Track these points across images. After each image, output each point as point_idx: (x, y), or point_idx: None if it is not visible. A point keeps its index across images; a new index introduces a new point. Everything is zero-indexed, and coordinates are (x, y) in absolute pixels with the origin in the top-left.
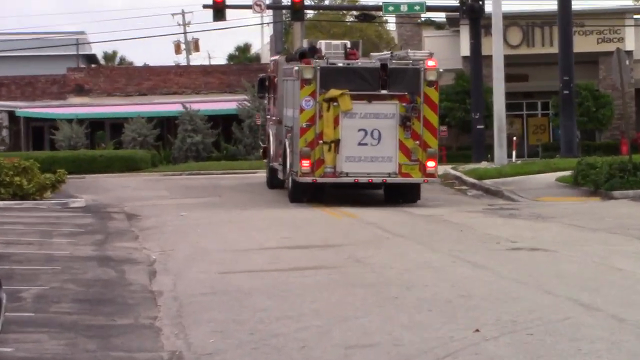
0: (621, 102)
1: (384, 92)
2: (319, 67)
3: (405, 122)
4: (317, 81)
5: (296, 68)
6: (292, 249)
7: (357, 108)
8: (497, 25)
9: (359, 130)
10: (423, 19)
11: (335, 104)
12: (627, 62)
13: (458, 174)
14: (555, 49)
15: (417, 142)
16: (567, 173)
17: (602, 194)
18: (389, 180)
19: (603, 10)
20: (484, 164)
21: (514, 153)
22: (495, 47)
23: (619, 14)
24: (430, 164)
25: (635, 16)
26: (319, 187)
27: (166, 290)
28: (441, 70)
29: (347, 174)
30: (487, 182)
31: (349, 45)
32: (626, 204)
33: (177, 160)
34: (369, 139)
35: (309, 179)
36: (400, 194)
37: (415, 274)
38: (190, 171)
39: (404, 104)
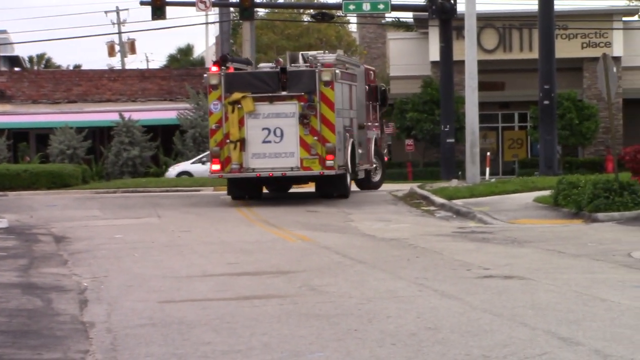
0: (607, 114)
1: (284, 93)
2: (223, 74)
3: (303, 120)
4: (222, 86)
5: (205, 75)
6: (240, 276)
7: (260, 109)
8: (470, 26)
9: (263, 129)
10: (388, 19)
11: (239, 106)
12: (615, 70)
13: (425, 193)
14: (535, 54)
15: (316, 138)
16: (547, 193)
17: (585, 216)
18: (290, 174)
19: (589, 11)
20: (454, 183)
21: (487, 170)
22: (468, 52)
23: (607, 16)
24: (329, 158)
25: (624, 18)
26: (250, 182)
27: (99, 322)
28: (337, 72)
29: (253, 170)
30: (458, 203)
31: (341, 53)
32: (611, 228)
33: (111, 176)
34: (272, 136)
35: (216, 175)
36: (332, 187)
37: (377, 304)
38: (126, 188)
39: (302, 103)
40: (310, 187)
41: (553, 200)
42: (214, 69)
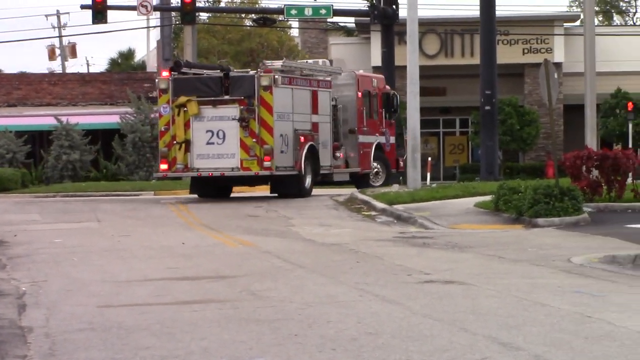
0: (548, 120)
1: (226, 97)
2: (171, 79)
3: (242, 123)
4: (170, 90)
5: (156, 80)
6: (180, 280)
7: (205, 112)
8: (412, 32)
9: (207, 131)
10: (330, 24)
11: (185, 109)
12: (556, 75)
13: (366, 198)
14: (476, 60)
15: (255, 140)
16: (487, 198)
17: (526, 222)
18: (228, 174)
19: (530, 17)
20: (395, 187)
21: (428, 175)
22: (410, 57)
23: (548, 22)
24: (267, 159)
25: (565, 24)
26: (213, 182)
27: (37, 326)
28: (277, 77)
29: (197, 170)
30: (399, 208)
31: (326, 61)
32: (551, 233)
33: (50, 180)
34: (215, 138)
35: (161, 175)
36: (285, 188)
37: (317, 309)
38: (66, 192)
39: (242, 107)
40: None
41: (494, 205)
42: (165, 74)
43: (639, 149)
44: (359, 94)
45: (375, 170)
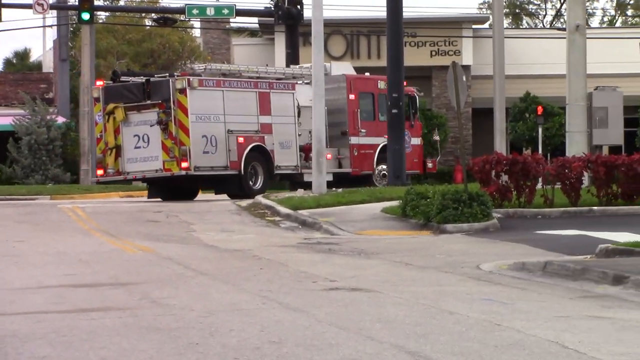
0: (456, 124)
1: (148, 102)
2: (102, 87)
3: (161, 126)
4: (102, 99)
5: (91, 89)
6: (77, 287)
7: (132, 117)
8: (317, 33)
9: (134, 135)
10: (233, 25)
11: (114, 116)
12: (464, 79)
13: (270, 203)
14: (383, 62)
15: (174, 141)
16: (395, 203)
17: (434, 228)
18: (149, 175)
19: (438, 18)
20: (300, 192)
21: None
22: (315, 59)
23: (456, 24)
24: (184, 160)
25: (474, 26)
26: (164, 185)
27: None
28: (193, 80)
29: (128, 173)
30: (304, 213)
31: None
32: (460, 239)
33: None
34: (141, 142)
35: (94, 179)
36: (228, 188)
37: (219, 317)
38: None
39: (161, 110)
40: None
41: (401, 211)
42: (99, 83)
43: (549, 154)
44: (352, 96)
45: (383, 172)
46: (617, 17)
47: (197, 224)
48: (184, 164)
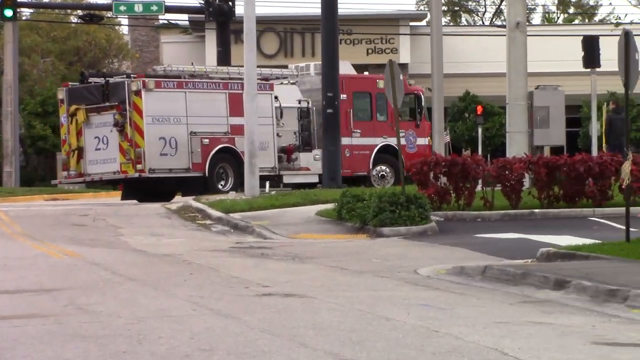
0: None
1: (107, 104)
2: (66, 89)
3: (117, 127)
4: (66, 100)
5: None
6: None
7: (93, 119)
8: (249, 30)
9: (95, 137)
10: (162, 22)
11: (76, 117)
12: (402, 77)
13: (201, 206)
14: (317, 60)
15: (129, 143)
16: (330, 206)
17: (370, 231)
18: (106, 177)
19: (375, 15)
20: (232, 195)
21: (267, 182)
22: (247, 57)
23: (393, 21)
24: (138, 162)
25: (411, 23)
26: (140, 187)
27: None
28: (149, 81)
29: (89, 175)
30: (236, 216)
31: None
32: (397, 243)
33: None
34: (101, 144)
35: (57, 181)
36: (192, 190)
37: (148, 324)
38: None
39: (118, 112)
40: None
41: (337, 214)
42: (65, 84)
43: (489, 155)
44: (343, 96)
45: (382, 173)
46: (558, 14)
47: (125, 228)
48: (139, 166)
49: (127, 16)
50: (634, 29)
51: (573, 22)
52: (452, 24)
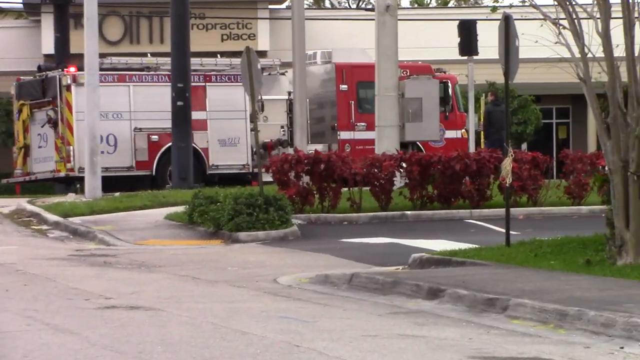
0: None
1: (45, 99)
2: (16, 84)
3: (50, 124)
4: (15, 95)
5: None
6: None
7: (36, 116)
8: (91, 14)
9: (38, 134)
10: None
11: (22, 114)
12: (260, 66)
13: (36, 209)
14: (167, 47)
15: (62, 141)
16: (181, 209)
17: (225, 236)
18: (41, 176)
19: None
20: (70, 197)
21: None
22: (89, 43)
23: (250, 4)
24: (68, 160)
25: (270, 6)
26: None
27: None
28: (78, 75)
29: (34, 174)
30: (76, 221)
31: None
32: (255, 249)
33: None
34: (42, 142)
35: (5, 181)
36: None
37: None
38: None
39: (51, 108)
40: None
41: (188, 217)
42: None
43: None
44: (343, 87)
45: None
46: None
47: None
48: (68, 165)
49: None
50: (514, 13)
51: (448, 5)
52: (315, 7)
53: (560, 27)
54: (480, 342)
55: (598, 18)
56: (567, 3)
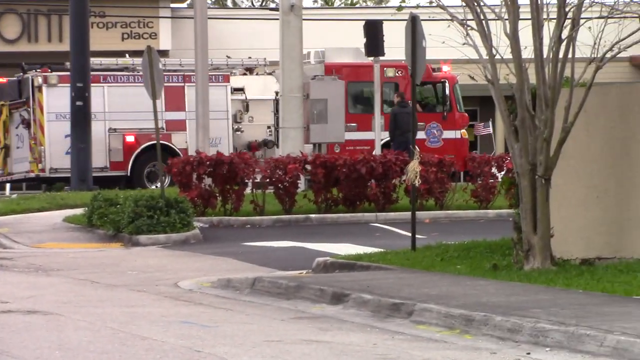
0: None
1: (20, 100)
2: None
3: (23, 125)
4: None
5: None
6: None
7: (15, 116)
8: None
9: (16, 135)
10: None
11: (2, 114)
12: (161, 65)
13: None
14: (66, 46)
15: (34, 141)
16: (80, 211)
17: (125, 239)
18: (17, 177)
19: None
20: None
21: (8, 185)
22: None
23: (152, 2)
24: (39, 160)
25: (172, 5)
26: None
27: None
28: (51, 76)
29: (13, 175)
30: None
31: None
32: (156, 252)
33: None
34: (20, 142)
35: None
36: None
37: None
38: None
39: (25, 109)
40: None
41: (87, 219)
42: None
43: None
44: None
45: None
46: None
47: None
48: (40, 165)
49: None
50: (422, 14)
51: (355, 5)
52: (217, 6)
53: (468, 28)
54: (385, 347)
55: (506, 19)
56: (475, 4)
